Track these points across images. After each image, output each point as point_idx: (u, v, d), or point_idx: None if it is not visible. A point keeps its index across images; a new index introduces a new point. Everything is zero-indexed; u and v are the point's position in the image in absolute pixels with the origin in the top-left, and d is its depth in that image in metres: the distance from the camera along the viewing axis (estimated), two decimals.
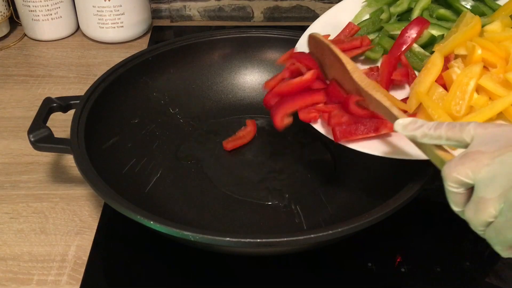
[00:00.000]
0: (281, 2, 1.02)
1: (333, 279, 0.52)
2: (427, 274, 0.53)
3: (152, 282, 0.52)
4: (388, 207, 0.47)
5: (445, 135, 0.41)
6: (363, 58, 0.63)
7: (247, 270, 0.53)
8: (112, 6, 0.88)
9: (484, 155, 0.37)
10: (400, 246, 0.56)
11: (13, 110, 0.77)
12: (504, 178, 0.35)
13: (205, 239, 0.44)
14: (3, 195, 0.62)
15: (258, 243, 0.45)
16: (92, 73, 0.86)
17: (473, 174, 0.37)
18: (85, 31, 0.94)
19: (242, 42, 0.74)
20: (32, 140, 0.55)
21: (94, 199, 0.62)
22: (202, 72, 0.73)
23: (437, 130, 0.41)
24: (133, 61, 0.68)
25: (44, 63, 0.88)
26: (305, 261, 0.54)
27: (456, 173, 0.38)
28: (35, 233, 0.57)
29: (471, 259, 0.54)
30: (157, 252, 0.55)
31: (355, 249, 0.55)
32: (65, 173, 0.66)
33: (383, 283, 0.52)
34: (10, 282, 0.52)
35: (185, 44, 0.72)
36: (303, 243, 0.46)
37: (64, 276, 0.53)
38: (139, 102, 0.67)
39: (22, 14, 0.92)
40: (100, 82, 0.63)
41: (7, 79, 0.84)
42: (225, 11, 1.03)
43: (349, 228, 0.45)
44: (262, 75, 0.75)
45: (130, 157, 0.62)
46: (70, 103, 0.61)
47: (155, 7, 1.02)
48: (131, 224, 0.48)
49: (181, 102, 0.71)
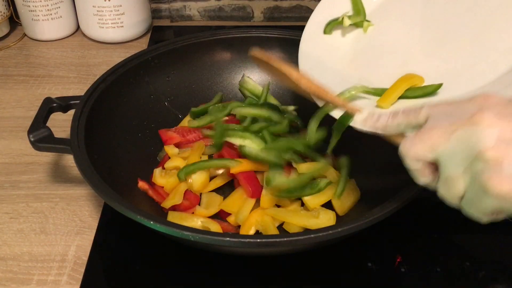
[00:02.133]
0: (281, 2, 1.02)
1: (333, 279, 0.52)
2: (427, 274, 0.53)
3: (152, 282, 0.52)
4: (388, 207, 0.47)
5: (403, 122, 0.43)
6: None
7: (247, 270, 0.53)
8: (112, 6, 0.88)
9: (439, 130, 0.39)
10: (400, 246, 0.56)
11: (13, 110, 0.77)
12: (463, 154, 0.37)
13: (205, 239, 0.44)
14: (3, 195, 0.62)
15: (258, 243, 0.45)
16: (92, 73, 0.86)
17: (431, 150, 0.39)
18: (85, 31, 0.94)
19: (242, 42, 0.74)
20: (32, 140, 0.55)
21: (94, 199, 0.62)
22: (202, 72, 0.73)
23: (395, 118, 0.44)
24: (133, 61, 0.68)
25: (44, 63, 0.88)
26: (305, 261, 0.54)
27: (415, 150, 0.40)
28: (35, 233, 0.57)
29: (471, 259, 0.54)
30: (157, 252, 0.55)
31: (355, 249, 0.55)
32: (65, 173, 0.66)
33: (383, 283, 0.52)
34: (10, 282, 0.52)
35: (185, 44, 0.72)
36: (303, 243, 0.46)
37: (64, 276, 0.53)
38: (139, 102, 0.67)
39: (22, 14, 0.92)
40: (100, 82, 0.63)
41: (7, 79, 0.84)
42: (225, 11, 1.03)
43: (349, 228, 0.45)
44: (262, 75, 0.75)
45: (130, 157, 0.62)
46: (70, 103, 0.61)
47: (155, 7, 1.02)
48: (131, 224, 0.48)
49: (181, 102, 0.71)
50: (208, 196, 0.59)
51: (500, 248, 0.56)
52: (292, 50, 0.74)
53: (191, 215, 0.56)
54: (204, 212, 0.57)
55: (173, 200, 0.57)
